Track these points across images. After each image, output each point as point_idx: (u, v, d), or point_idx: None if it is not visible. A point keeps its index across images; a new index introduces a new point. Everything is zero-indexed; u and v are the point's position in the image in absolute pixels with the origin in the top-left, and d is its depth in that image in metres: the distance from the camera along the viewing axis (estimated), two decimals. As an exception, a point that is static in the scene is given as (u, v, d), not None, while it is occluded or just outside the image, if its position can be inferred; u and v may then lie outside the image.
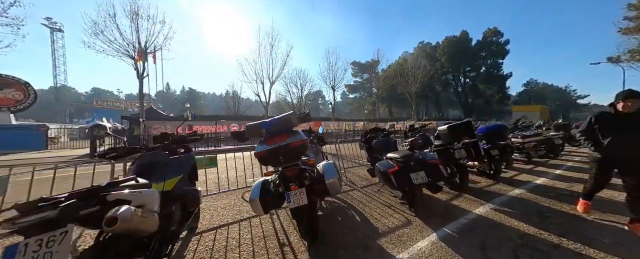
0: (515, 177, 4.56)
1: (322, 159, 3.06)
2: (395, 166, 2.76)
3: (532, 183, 4.14)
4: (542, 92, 63.75)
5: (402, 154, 2.88)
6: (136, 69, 11.85)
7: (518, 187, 3.84)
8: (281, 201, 1.88)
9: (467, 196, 3.38)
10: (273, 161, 1.91)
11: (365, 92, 54.49)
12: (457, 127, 3.52)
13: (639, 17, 16.11)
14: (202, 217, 2.76)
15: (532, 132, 6.14)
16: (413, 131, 4.95)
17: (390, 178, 2.68)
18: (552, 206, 3.02)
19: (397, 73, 35.32)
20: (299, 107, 29.77)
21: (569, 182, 4.18)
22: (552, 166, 5.60)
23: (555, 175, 4.72)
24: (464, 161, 3.68)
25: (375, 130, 4.25)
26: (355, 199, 3.37)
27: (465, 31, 41.56)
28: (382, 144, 3.68)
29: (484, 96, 43.54)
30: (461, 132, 3.53)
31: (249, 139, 2.24)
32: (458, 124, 3.53)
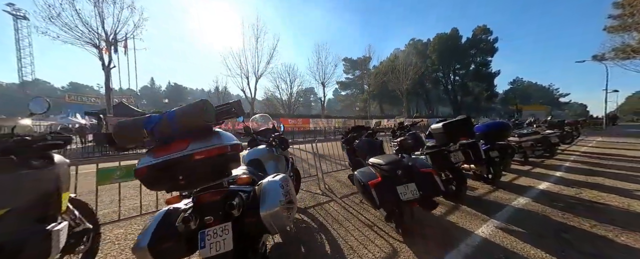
0: (515, 182, 4.06)
1: (285, 169, 2.38)
2: (377, 176, 2.12)
3: (535, 189, 3.64)
4: (528, 90, 65.70)
5: (387, 159, 2.24)
6: (101, 60, 10.65)
7: (521, 195, 3.31)
8: (191, 247, 1.18)
9: (465, 209, 2.81)
10: (166, 184, 1.18)
11: (357, 89, 54.14)
12: (453, 125, 2.93)
13: (624, 15, 16.28)
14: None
15: (529, 131, 5.70)
16: (402, 129, 4.35)
17: (371, 192, 2.04)
18: (568, 221, 2.49)
19: (388, 70, 35.08)
20: (289, 104, 28.92)
21: (574, 187, 3.71)
22: (550, 167, 5.18)
23: (556, 178, 4.26)
24: (460, 165, 3.11)
25: (358, 128, 3.60)
26: (329, 215, 2.73)
27: (455, 28, 41.79)
28: (365, 146, 3.04)
29: (472, 93, 44.20)
30: (458, 132, 2.94)
31: (123, 146, 1.23)
32: (455, 121, 2.94)
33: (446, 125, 2.91)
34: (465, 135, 2.96)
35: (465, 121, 2.95)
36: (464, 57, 41.70)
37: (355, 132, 3.48)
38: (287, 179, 1.46)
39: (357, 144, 3.15)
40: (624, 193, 3.37)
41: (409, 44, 48.69)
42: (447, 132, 2.90)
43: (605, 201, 3.05)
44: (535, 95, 66.93)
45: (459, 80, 44.31)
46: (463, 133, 2.93)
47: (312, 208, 2.89)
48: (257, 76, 17.08)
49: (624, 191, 3.48)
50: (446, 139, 2.93)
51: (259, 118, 2.65)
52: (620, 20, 16.72)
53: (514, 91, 61.24)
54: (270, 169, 2.09)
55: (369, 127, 3.64)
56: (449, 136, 2.91)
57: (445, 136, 2.91)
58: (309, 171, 4.84)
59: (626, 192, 3.39)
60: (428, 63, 41.72)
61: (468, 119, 2.96)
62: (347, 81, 54.77)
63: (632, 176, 4.35)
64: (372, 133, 3.37)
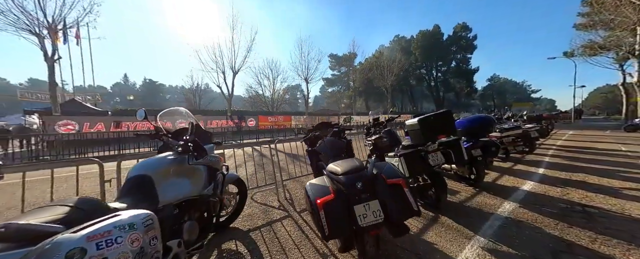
0: (498, 182, 3.70)
1: (203, 186, 1.69)
2: (330, 192, 1.54)
3: (520, 190, 3.29)
4: (504, 86, 69.02)
5: (345, 166, 1.67)
6: (43, 50, 9.18)
7: (507, 199, 2.92)
8: None
9: (445, 223, 2.33)
10: None
11: (343, 86, 53.86)
12: (431, 120, 2.42)
13: (591, 13, 17.05)
14: None
15: (510, 126, 5.45)
16: (378, 126, 3.83)
17: (319, 215, 1.46)
18: (564, 234, 2.08)
19: (373, 66, 34.96)
20: (273, 100, 27.87)
21: (560, 186, 3.40)
22: (531, 163, 4.95)
23: (540, 176, 3.97)
24: (440, 167, 2.63)
25: (323, 126, 3.01)
26: (275, 240, 2.12)
27: (437, 25, 42.50)
28: (328, 147, 2.46)
29: (454, 89, 45.52)
30: (437, 128, 2.45)
31: None
32: (432, 116, 2.43)
33: (423, 121, 2.39)
34: (445, 132, 2.47)
35: (445, 116, 2.46)
36: (446, 53, 42.58)
37: (317, 131, 2.88)
38: (139, 222, 0.82)
39: (319, 145, 2.56)
40: (611, 192, 3.09)
41: (394, 40, 48.90)
42: (424, 129, 2.39)
43: (596, 204, 2.72)
44: (510, 91, 70.45)
45: (441, 76, 45.29)
46: (442, 130, 2.44)
47: (258, 230, 2.27)
48: (234, 70, 15.97)
49: (610, 190, 3.21)
50: (423, 137, 2.42)
51: (167, 114, 1.96)
52: (588, 18, 17.55)
53: (492, 87, 64.05)
54: (168, 190, 1.42)
55: (335, 125, 3.06)
56: (426, 133, 2.40)
57: (422, 133, 2.40)
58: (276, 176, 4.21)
59: (614, 192, 3.11)
60: (412, 59, 42.15)
61: (448, 113, 2.47)
62: (333, 77, 54.18)
63: (611, 171, 4.17)
64: (338, 132, 2.79)
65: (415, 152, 2.46)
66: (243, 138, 11.53)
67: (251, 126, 15.48)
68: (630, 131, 11.76)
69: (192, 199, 1.55)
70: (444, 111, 2.47)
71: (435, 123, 2.40)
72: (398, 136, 3.39)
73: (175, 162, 1.56)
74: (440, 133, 2.42)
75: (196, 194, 1.58)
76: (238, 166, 4.47)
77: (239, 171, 4.27)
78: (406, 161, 2.39)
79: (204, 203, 1.64)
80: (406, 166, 2.37)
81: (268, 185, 3.48)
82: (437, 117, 2.41)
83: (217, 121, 14.20)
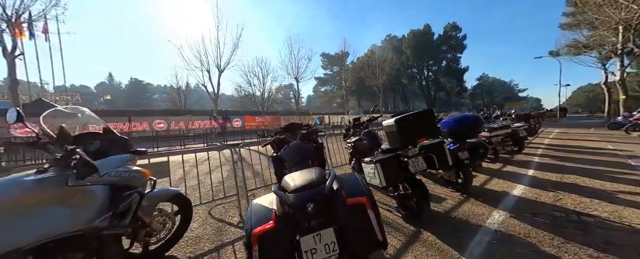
0: (487, 186, 3.44)
1: (95, 216, 1.22)
2: (272, 218, 1.16)
3: (510, 195, 3.02)
4: (493, 85, 70.68)
5: (299, 180, 1.30)
6: (2, 45, 8.38)
7: (496, 208, 2.63)
8: None
9: (427, 240, 2.01)
10: None
11: (336, 85, 53.65)
12: (410, 122, 2.09)
13: (575, 13, 17.37)
14: None
15: (499, 125, 5.23)
16: (358, 127, 3.48)
17: (251, 251, 1.08)
18: (563, 253, 1.78)
19: (365, 65, 34.88)
20: (263, 100, 27.28)
21: (551, 190, 3.16)
22: (520, 164, 4.74)
23: (530, 179, 3.74)
24: (421, 174, 2.30)
25: (292, 127, 2.63)
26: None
27: (428, 25, 42.87)
28: (293, 153, 2.08)
29: (444, 88, 46.09)
30: (417, 130, 2.12)
31: None
32: (411, 116, 2.09)
33: (400, 121, 2.06)
34: (426, 134, 2.14)
35: (426, 116, 2.13)
36: (436, 53, 43.02)
37: (285, 134, 2.50)
38: None
39: (283, 150, 2.18)
40: (606, 197, 2.86)
41: (385, 39, 49.06)
42: (402, 131, 2.06)
43: (592, 212, 2.47)
44: (499, 90, 72.21)
45: (432, 76, 45.76)
46: (423, 132, 2.11)
47: (201, 257, 1.87)
48: (220, 69, 15.35)
49: (604, 193, 2.98)
50: (401, 140, 2.08)
51: (54, 115, 1.54)
52: (572, 18, 17.91)
53: (481, 87, 65.37)
54: (12, 228, 1.00)
55: (307, 126, 2.69)
56: (404, 136, 2.07)
57: (400, 136, 2.06)
58: (245, 185, 3.80)
59: (608, 196, 2.89)
60: (403, 59, 42.37)
61: (428, 112, 2.15)
62: (325, 76, 53.92)
63: (602, 172, 4.00)
64: (307, 134, 2.42)
65: (393, 158, 2.12)
66: (227, 139, 11.01)
67: (237, 126, 14.93)
68: (613, 128, 11.95)
69: (68, 238, 1.11)
70: (424, 110, 2.14)
71: (414, 124, 2.07)
72: (379, 137, 3.06)
73: (42, 185, 1.11)
74: (421, 136, 2.09)
75: (76, 228, 1.15)
76: (206, 173, 4.05)
77: (206, 179, 3.85)
78: (383, 168, 2.05)
79: (93, 239, 1.21)
80: (383, 173, 2.03)
81: (229, 197, 3.07)
82: (417, 117, 2.08)
83: (200, 121, 13.53)
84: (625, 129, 10.06)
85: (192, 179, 3.48)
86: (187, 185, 2.97)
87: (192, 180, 3.49)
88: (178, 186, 3.66)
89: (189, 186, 3.17)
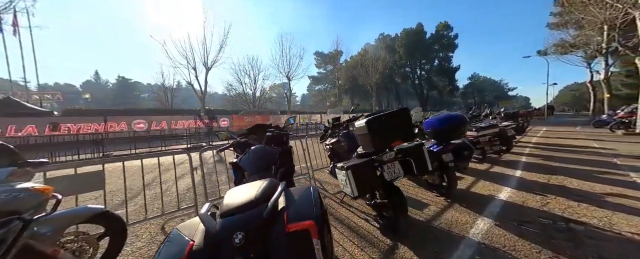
0: (473, 189, 3.27)
1: None
2: (183, 255, 0.89)
3: (496, 199, 2.85)
4: (483, 84, 71.97)
5: (234, 199, 1.04)
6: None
7: (480, 214, 2.45)
8: None
9: (404, 254, 1.79)
10: None
11: (330, 84, 53.41)
12: (382, 122, 1.85)
13: (563, 13, 17.64)
14: None
15: (487, 124, 5.09)
16: (338, 127, 3.24)
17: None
18: (548, 271, 1.59)
19: (358, 64, 34.77)
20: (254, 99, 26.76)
21: (539, 193, 3.01)
22: (508, 165, 4.62)
23: (517, 181, 3.59)
24: (399, 180, 2.09)
25: (258, 129, 2.35)
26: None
27: (420, 24, 43.08)
28: (252, 160, 1.81)
29: (437, 87, 46.53)
30: (391, 132, 1.88)
31: None
32: (384, 116, 1.86)
33: (372, 122, 1.82)
34: (402, 136, 1.91)
35: (401, 116, 1.89)
36: (429, 52, 43.30)
37: (248, 137, 2.22)
38: None
39: (242, 157, 1.90)
40: (594, 200, 2.72)
41: (379, 38, 49.07)
42: (375, 133, 1.82)
43: (580, 218, 2.31)
44: (489, 89, 73.61)
45: (424, 75, 46.07)
46: (398, 134, 1.88)
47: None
48: (207, 66, 14.83)
49: (592, 197, 2.85)
50: (372, 143, 1.85)
51: None
52: (560, 18, 18.21)
53: (472, 86, 66.42)
54: None
55: (275, 127, 2.42)
56: (376, 139, 1.83)
57: (371, 139, 1.82)
58: (211, 192, 3.50)
59: (596, 199, 2.75)
60: (396, 58, 42.46)
61: (403, 112, 1.91)
62: (319, 75, 53.57)
63: (589, 172, 3.90)
64: (274, 136, 2.15)
65: (366, 164, 1.89)
66: (212, 140, 10.61)
67: (224, 126, 14.45)
68: (598, 126, 12.16)
69: None
70: (399, 110, 1.90)
71: (388, 125, 1.83)
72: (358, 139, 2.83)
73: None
74: (396, 138, 1.86)
75: None
76: (180, 176, 3.73)
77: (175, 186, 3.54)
78: (354, 175, 1.81)
79: None
80: (354, 182, 1.79)
81: (186, 209, 2.77)
82: (391, 117, 1.84)
83: (184, 121, 12.99)
84: (610, 127, 10.22)
85: (156, 187, 3.18)
86: (150, 193, 2.67)
87: (157, 188, 3.18)
88: (137, 197, 3.34)
89: (154, 193, 2.86)
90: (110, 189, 2.71)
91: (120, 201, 3.34)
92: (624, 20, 9.98)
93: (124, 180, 2.53)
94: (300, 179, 3.99)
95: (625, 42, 10.71)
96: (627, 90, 28.17)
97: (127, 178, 2.57)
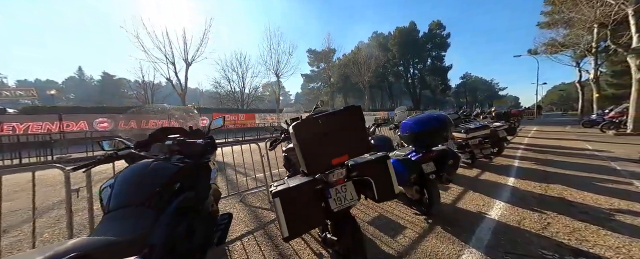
0: (460, 203, 2.75)
1: None
2: None
3: (487, 219, 2.33)
4: (475, 84, 72.87)
5: None
6: None
7: (467, 243, 1.92)
8: None
9: None
10: None
11: (323, 83, 52.77)
12: (317, 127, 1.24)
13: (553, 12, 17.54)
14: None
15: (477, 125, 4.61)
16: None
17: None
18: None
19: (350, 62, 34.25)
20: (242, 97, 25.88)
21: (536, 209, 2.51)
22: (499, 170, 4.16)
23: (510, 191, 3.11)
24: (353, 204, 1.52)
25: (162, 135, 1.71)
26: None
27: (413, 22, 42.86)
28: (118, 188, 1.18)
29: (430, 86, 46.56)
30: (334, 142, 1.28)
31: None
32: (321, 118, 1.24)
33: (301, 128, 1.22)
34: (350, 148, 1.32)
35: (348, 117, 1.28)
36: (422, 50, 43.11)
37: (142, 147, 1.58)
38: None
39: (104, 185, 1.27)
40: (603, 220, 2.24)
41: (372, 37, 48.62)
42: (307, 144, 1.22)
43: (592, 248, 1.81)
44: (481, 88, 74.59)
45: (417, 74, 45.96)
46: (345, 144, 1.29)
47: None
48: (187, 62, 13.97)
49: (600, 214, 2.37)
50: (307, 159, 1.24)
51: None
52: (550, 17, 18.12)
53: (464, 85, 67.09)
54: None
55: (192, 131, 1.80)
56: (310, 152, 1.23)
57: (303, 152, 1.23)
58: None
59: (605, 219, 2.27)
60: (389, 56, 42.09)
61: (354, 110, 1.31)
62: (312, 73, 52.81)
63: (589, 179, 3.45)
64: (183, 145, 1.52)
65: (304, 187, 1.29)
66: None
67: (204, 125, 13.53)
68: (588, 126, 12.04)
69: None
70: (346, 108, 1.29)
71: (330, 132, 1.23)
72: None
73: None
74: (340, 152, 1.26)
75: None
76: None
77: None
78: (284, 205, 1.21)
79: None
80: (284, 216, 1.20)
81: None
82: (332, 119, 1.23)
83: (157, 120, 12.02)
84: (600, 127, 10.04)
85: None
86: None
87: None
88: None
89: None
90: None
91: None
92: (615, 18, 9.77)
93: (33, 190, 1.88)
94: (257, 194, 3.40)
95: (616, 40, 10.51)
96: (613, 90, 28.73)
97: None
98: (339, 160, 1.26)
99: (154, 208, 1.11)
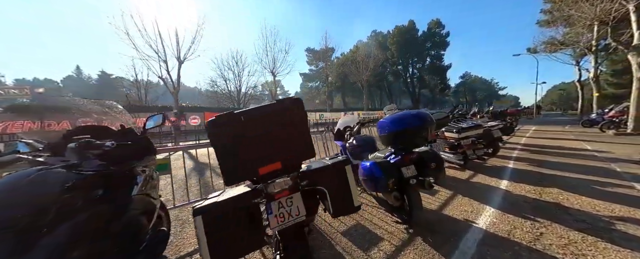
0: (446, 210, 2.52)
1: None
2: None
3: (474, 228, 2.10)
4: (475, 83, 72.58)
5: None
6: None
7: (449, 258, 1.68)
8: None
9: None
10: None
11: (322, 82, 52.50)
12: (240, 127, 0.98)
13: (552, 10, 17.28)
14: None
15: (469, 124, 4.38)
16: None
17: None
18: None
19: (349, 61, 33.97)
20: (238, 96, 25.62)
21: (529, 217, 2.28)
22: (493, 173, 3.93)
23: (503, 196, 2.88)
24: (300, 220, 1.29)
25: (72, 135, 1.41)
26: None
27: (412, 21, 42.51)
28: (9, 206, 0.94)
29: (429, 86, 46.29)
30: (265, 146, 1.03)
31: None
32: (244, 114, 1.00)
33: (218, 125, 0.96)
34: (285, 153, 1.08)
35: (279, 114, 1.02)
36: (421, 50, 42.77)
37: (49, 151, 1.32)
38: None
39: None
40: (603, 230, 2.01)
41: (371, 36, 48.30)
42: (226, 152, 0.98)
43: None
44: (480, 88, 74.26)
45: (416, 73, 45.64)
46: (276, 148, 1.05)
47: None
48: (180, 60, 13.71)
49: (599, 223, 2.14)
50: (226, 165, 0.99)
51: None
52: (549, 15, 17.87)
53: (464, 84, 66.78)
54: None
55: (123, 130, 1.55)
56: (231, 156, 0.98)
57: (224, 159, 0.98)
58: None
59: (606, 228, 2.04)
60: (388, 55, 41.76)
61: (294, 103, 1.06)
62: (311, 72, 52.52)
63: (587, 183, 3.22)
64: (78, 149, 1.24)
65: (236, 202, 1.05)
66: (177, 141, 9.62)
67: (194, 124, 13.33)
68: (587, 126, 11.81)
69: None
70: (280, 101, 1.04)
71: (253, 133, 0.97)
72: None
73: None
74: (270, 158, 1.00)
75: None
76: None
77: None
78: (207, 228, 0.97)
79: None
80: (206, 241, 0.95)
81: None
82: (258, 116, 0.98)
83: (143, 119, 11.72)
84: (600, 127, 9.81)
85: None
86: None
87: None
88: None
89: None
90: None
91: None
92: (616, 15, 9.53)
93: None
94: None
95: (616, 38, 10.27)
96: (613, 89, 28.52)
97: None
98: (268, 169, 1.01)
99: (21, 233, 0.86)
